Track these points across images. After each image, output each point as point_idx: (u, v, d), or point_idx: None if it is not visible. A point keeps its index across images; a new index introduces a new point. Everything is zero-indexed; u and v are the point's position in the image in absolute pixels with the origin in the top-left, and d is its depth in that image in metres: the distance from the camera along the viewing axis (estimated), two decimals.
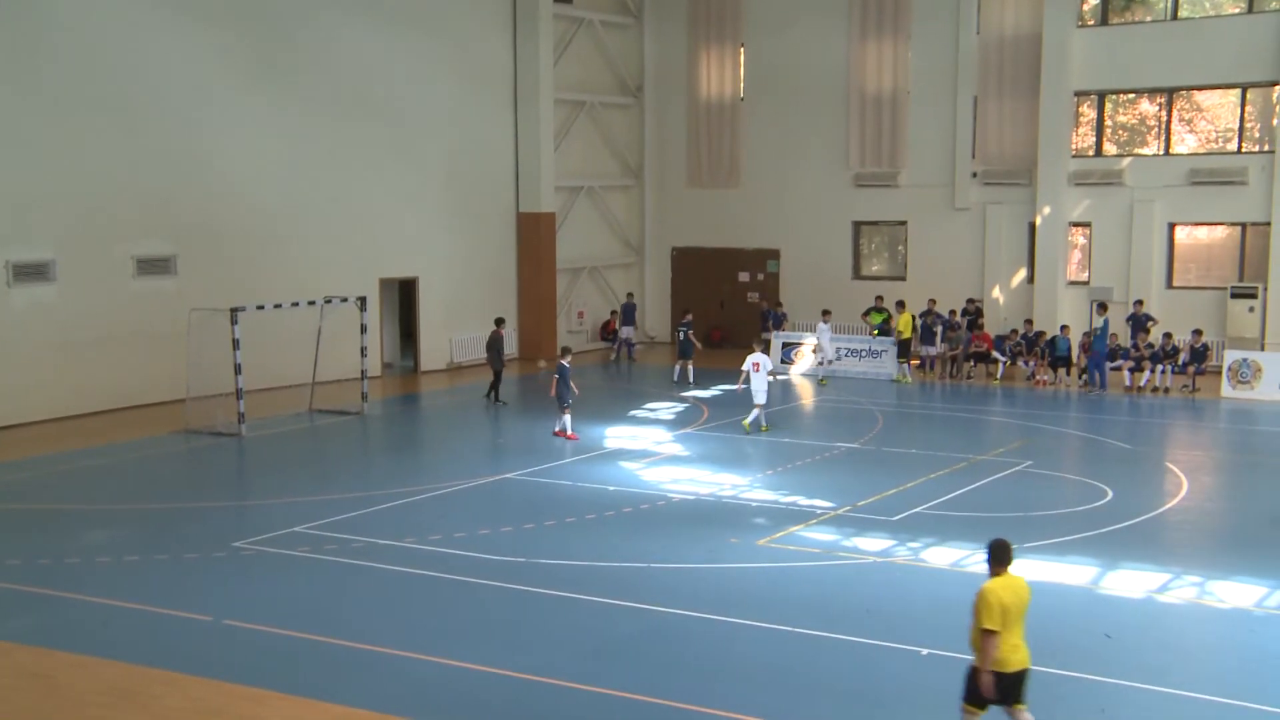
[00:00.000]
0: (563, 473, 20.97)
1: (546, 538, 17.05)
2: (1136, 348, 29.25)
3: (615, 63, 37.95)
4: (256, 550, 16.47)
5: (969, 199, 34.11)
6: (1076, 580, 15.12)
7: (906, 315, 31.28)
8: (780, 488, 19.86)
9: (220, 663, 12.56)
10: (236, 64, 28.61)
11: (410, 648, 12.85)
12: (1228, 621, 13.97)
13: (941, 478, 20.44)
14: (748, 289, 37.74)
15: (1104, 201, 32.43)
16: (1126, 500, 18.96)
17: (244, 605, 14.25)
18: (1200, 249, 32.71)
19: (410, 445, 25.27)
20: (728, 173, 37.66)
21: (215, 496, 19.86)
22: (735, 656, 12.76)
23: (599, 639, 13.21)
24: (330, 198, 30.53)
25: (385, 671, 12.34)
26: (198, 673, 12.27)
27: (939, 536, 16.92)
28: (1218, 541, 17.29)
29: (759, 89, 37.07)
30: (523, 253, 35.10)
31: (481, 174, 34.10)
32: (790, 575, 15.44)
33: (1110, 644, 12.97)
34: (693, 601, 14.27)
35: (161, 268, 27.50)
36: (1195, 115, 32.78)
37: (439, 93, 32.78)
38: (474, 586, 14.94)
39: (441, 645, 12.93)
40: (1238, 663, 12.73)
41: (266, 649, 12.99)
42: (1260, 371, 28.12)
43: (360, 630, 13.41)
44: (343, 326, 27.45)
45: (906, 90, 34.79)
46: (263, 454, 23.09)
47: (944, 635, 13.10)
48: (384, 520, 17.94)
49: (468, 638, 13.21)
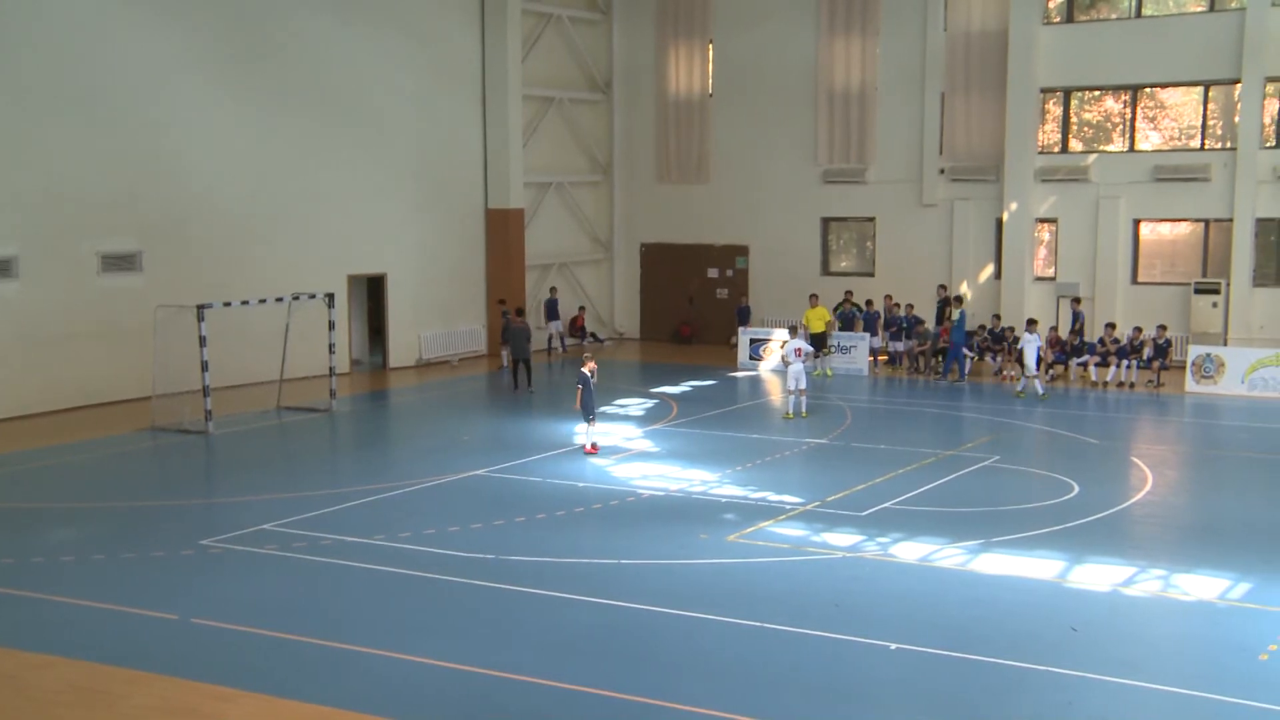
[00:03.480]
0: (532, 469, 20.93)
1: (516, 534, 17.02)
2: (1103, 343, 29.48)
3: (584, 59, 37.90)
4: (224, 548, 16.37)
5: (937, 195, 34.26)
6: (1043, 574, 15.20)
7: (820, 309, 31.62)
8: (750, 483, 19.89)
9: (188, 661, 12.48)
10: (204, 58, 28.39)
11: (379, 645, 12.81)
12: (1192, 614, 14.09)
13: (910, 473, 20.53)
14: (717, 285, 37.77)
15: (1070, 198, 32.65)
16: (1092, 494, 19.10)
17: (212, 603, 14.16)
18: (1164, 245, 32.98)
19: (379, 442, 25.17)
20: (696, 169, 37.67)
21: (182, 494, 19.73)
22: (704, 652, 12.77)
23: (568, 635, 13.20)
24: (298, 193, 30.36)
25: (354, 669, 12.30)
26: (165, 671, 12.19)
27: (907, 531, 16.99)
28: (1182, 535, 17.44)
29: (728, 85, 37.09)
30: (491, 249, 35.02)
31: (450, 170, 34.00)
32: (759, 570, 15.47)
33: (1077, 637, 13.05)
34: (662, 597, 14.27)
35: (127, 264, 27.27)
36: (1159, 113, 33.04)
37: (407, 88, 32.66)
38: (443, 584, 14.90)
39: (411, 642, 12.89)
40: (1202, 655, 12.86)
41: (234, 647, 12.91)
42: (1223, 366, 28.39)
43: (329, 628, 13.35)
44: (311, 323, 27.31)
45: (875, 86, 34.89)
46: (230, 451, 22.94)
47: (912, 630, 13.18)
48: (353, 518, 17.86)
49: (437, 635, 13.17)
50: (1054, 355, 30.04)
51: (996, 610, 13.92)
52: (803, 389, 25.17)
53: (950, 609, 13.98)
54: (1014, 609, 13.99)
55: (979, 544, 16.35)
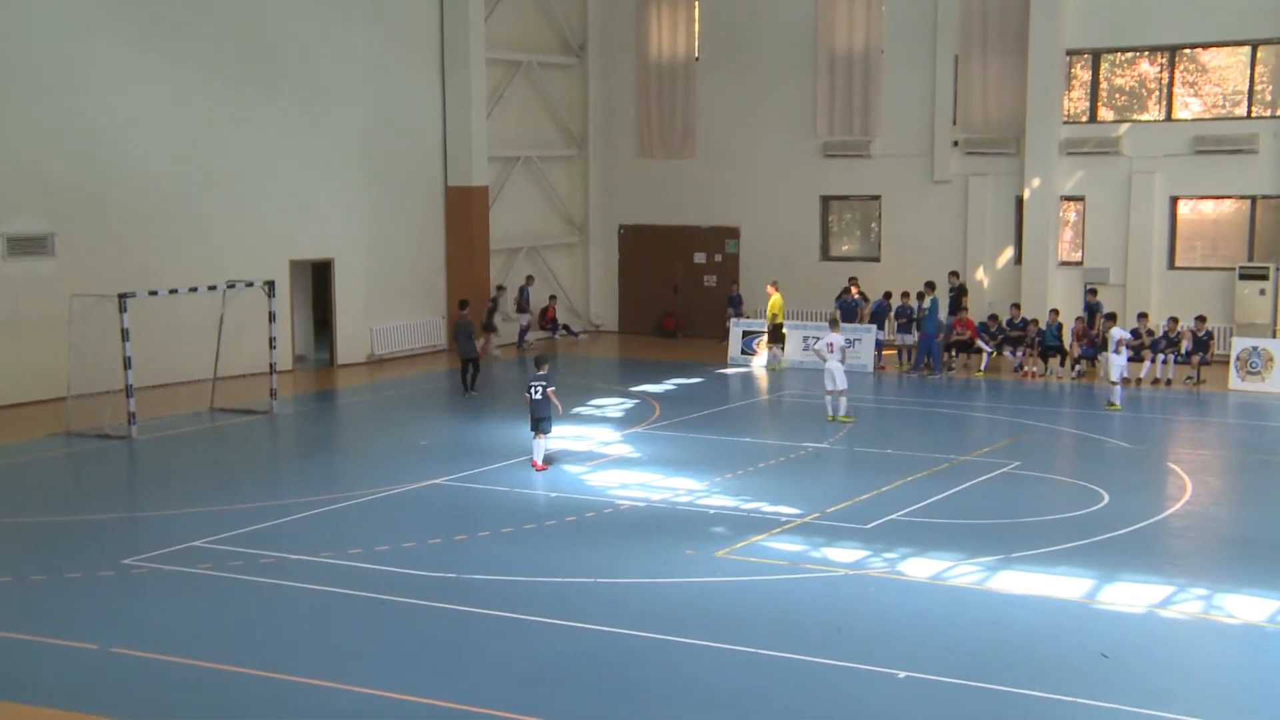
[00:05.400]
0: (498, 478, 20.91)
1: (480, 550, 17.00)
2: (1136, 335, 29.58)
3: (555, 17, 37.86)
4: (150, 568, 16.30)
5: (949, 170, 34.35)
6: (1070, 594, 15.25)
7: (777, 297, 31.90)
8: (741, 493, 19.91)
9: (109, 697, 12.42)
10: (124, 15, 28.27)
11: (326, 676, 12.78)
12: (1237, 638, 14.14)
13: (920, 480, 20.58)
14: (704, 271, 37.81)
15: (1099, 173, 32.77)
16: (1124, 505, 19.16)
17: (136, 631, 14.09)
18: (1206, 225, 33.14)
19: (326, 448, 25.13)
20: (681, 142, 37.69)
21: (102, 508, 19.63)
22: (690, 681, 12.76)
23: (538, 663, 13.19)
24: (233, 168, 30.26)
25: (298, 704, 12.26)
26: (82, 709, 12.10)
27: (918, 546, 17.02)
28: (1226, 550, 17.50)
29: (716, 48, 37.10)
30: (452, 232, 34.97)
31: (405, 143, 33.94)
32: (752, 590, 15.48)
33: (1107, 664, 13.09)
34: (643, 621, 14.27)
35: (36, 248, 27.15)
36: (1200, 77, 33.19)
37: (356, 50, 32.57)
38: (398, 606, 14.88)
39: (362, 673, 12.86)
40: (1247, 685, 12.89)
41: (161, 681, 12.84)
42: (1272, 361, 28.50)
43: (269, 658, 13.31)
44: (248, 315, 27.27)
45: (881, 49, 34.96)
46: (157, 459, 22.87)
47: (923, 656, 13.20)
48: (297, 533, 17.81)
49: (391, 664, 13.15)
50: (1080, 349, 30.10)
51: (1017, 634, 13.95)
52: (842, 389, 25.11)
53: (965, 633, 14.00)
54: (1037, 632, 14.03)
55: (997, 560, 16.39)
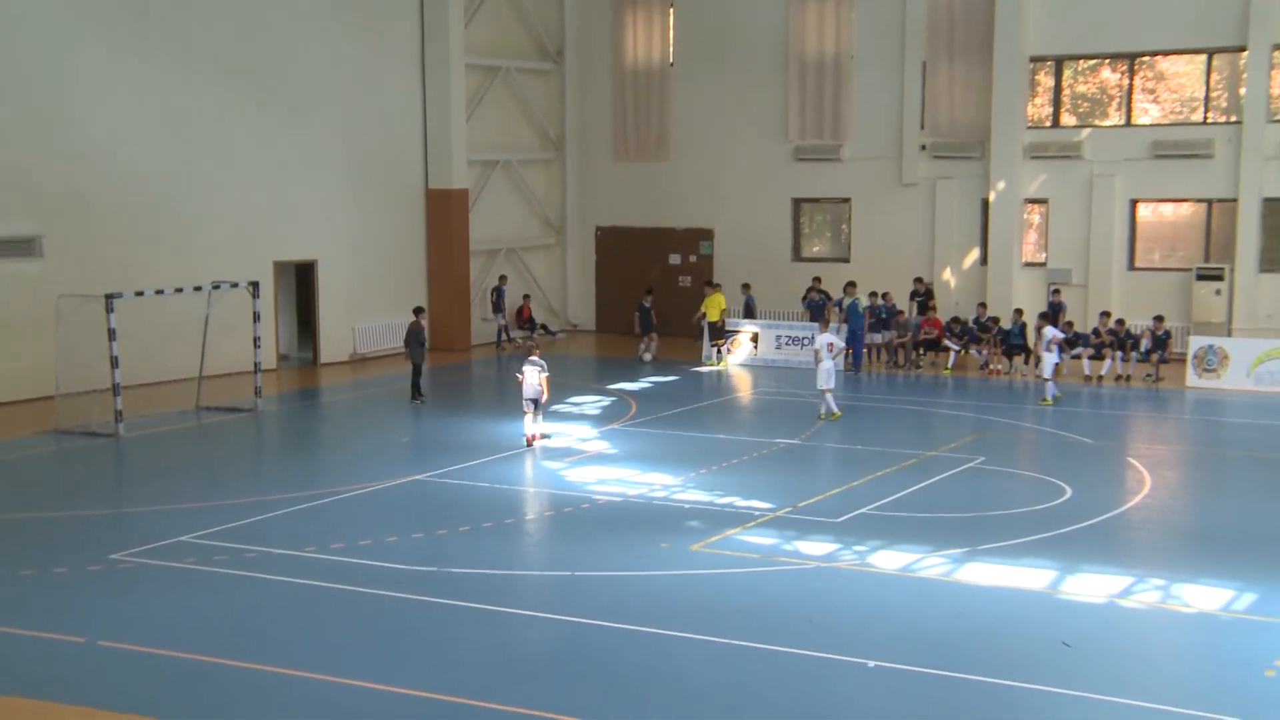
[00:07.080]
0: (478, 473, 20.89)
1: (460, 545, 16.99)
2: (1097, 334, 29.71)
3: (533, 24, 37.80)
4: (137, 563, 16.24)
5: (917, 174, 34.43)
6: (1033, 585, 15.31)
7: (717, 295, 32.16)
8: (715, 488, 19.93)
9: (96, 690, 12.37)
10: (111, 18, 28.11)
11: (310, 668, 12.75)
12: (1194, 627, 14.24)
13: (888, 475, 20.64)
14: (679, 272, 37.82)
15: (1062, 176, 32.91)
16: (1086, 498, 19.26)
17: (123, 625, 14.05)
18: (1164, 227, 33.32)
19: (309, 445, 25.06)
20: (656, 145, 37.69)
21: (90, 504, 19.54)
22: (666, 672, 12.78)
23: (517, 654, 13.20)
24: (218, 170, 30.13)
25: (283, 695, 12.24)
26: (71, 700, 12.07)
27: (887, 539, 17.08)
28: (1183, 541, 17.64)
29: (690, 54, 37.10)
30: (432, 233, 34.92)
31: (386, 146, 33.86)
32: (726, 583, 15.50)
33: (1070, 653, 13.16)
34: (620, 612, 14.29)
35: (24, 249, 26.97)
36: (1159, 83, 33.35)
37: (339, 56, 32.46)
38: (381, 599, 14.85)
39: (344, 665, 12.84)
40: (1205, 671, 12.99)
41: (149, 673, 12.81)
42: (1227, 359, 28.68)
43: (254, 650, 13.27)
44: (233, 314, 27.16)
45: (850, 55, 34.99)
46: (143, 456, 22.77)
47: (892, 646, 13.25)
48: (281, 528, 17.78)
49: (373, 656, 13.13)
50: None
51: (983, 624, 14.02)
52: (829, 387, 25.10)
53: (933, 623, 14.07)
54: (1002, 622, 14.10)
55: (964, 552, 16.47)
